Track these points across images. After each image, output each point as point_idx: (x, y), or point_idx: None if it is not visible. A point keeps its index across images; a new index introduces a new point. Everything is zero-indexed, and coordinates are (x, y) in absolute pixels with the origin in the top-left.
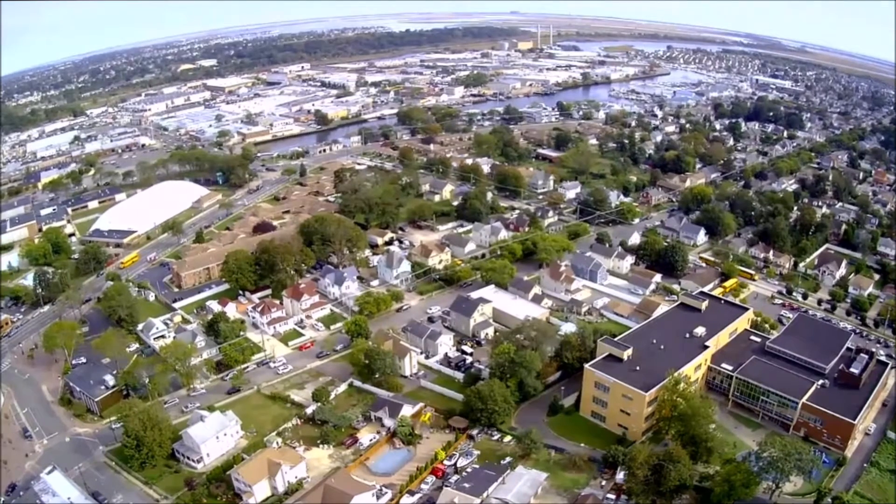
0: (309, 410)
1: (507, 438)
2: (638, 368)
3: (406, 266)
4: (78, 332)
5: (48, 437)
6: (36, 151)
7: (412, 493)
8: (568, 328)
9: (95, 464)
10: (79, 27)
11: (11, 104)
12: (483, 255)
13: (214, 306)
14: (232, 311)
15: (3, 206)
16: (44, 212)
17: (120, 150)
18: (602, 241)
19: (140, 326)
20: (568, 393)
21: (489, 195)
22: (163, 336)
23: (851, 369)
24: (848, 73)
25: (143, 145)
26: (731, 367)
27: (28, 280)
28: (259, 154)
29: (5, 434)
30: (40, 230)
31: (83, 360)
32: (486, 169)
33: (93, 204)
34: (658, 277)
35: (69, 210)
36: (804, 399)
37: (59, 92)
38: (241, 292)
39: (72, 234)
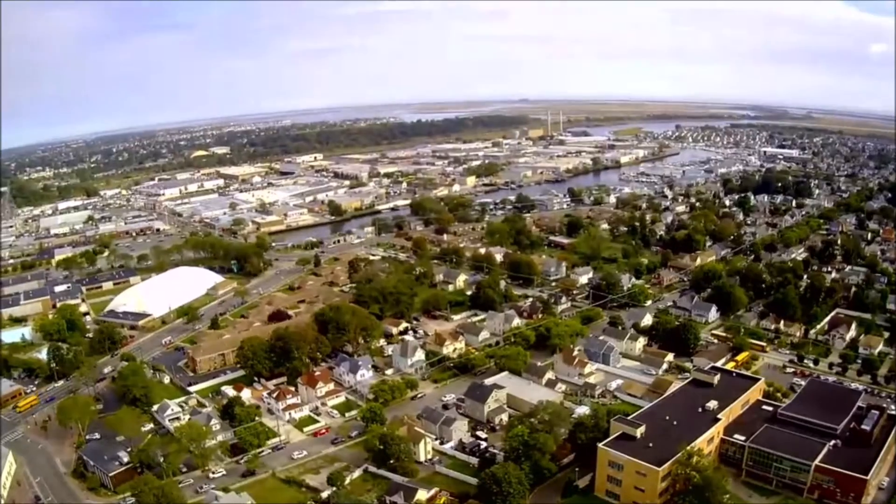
0: (324, 495)
1: None
2: (651, 445)
3: (420, 355)
4: (92, 408)
5: None
6: (49, 228)
7: None
8: (582, 411)
9: None
10: (90, 103)
11: (23, 178)
12: (497, 343)
13: (229, 391)
14: (247, 396)
15: (16, 279)
16: (58, 288)
17: (134, 234)
18: (615, 325)
19: (155, 407)
20: (583, 474)
21: (502, 283)
22: (178, 418)
23: (862, 426)
24: (853, 133)
25: (158, 230)
26: (743, 438)
27: (42, 354)
28: (274, 244)
29: (17, 501)
30: (54, 306)
31: (97, 435)
32: (498, 258)
33: (107, 285)
34: (671, 357)
35: (83, 289)
36: (816, 461)
37: (72, 170)
38: (256, 379)
39: (86, 314)
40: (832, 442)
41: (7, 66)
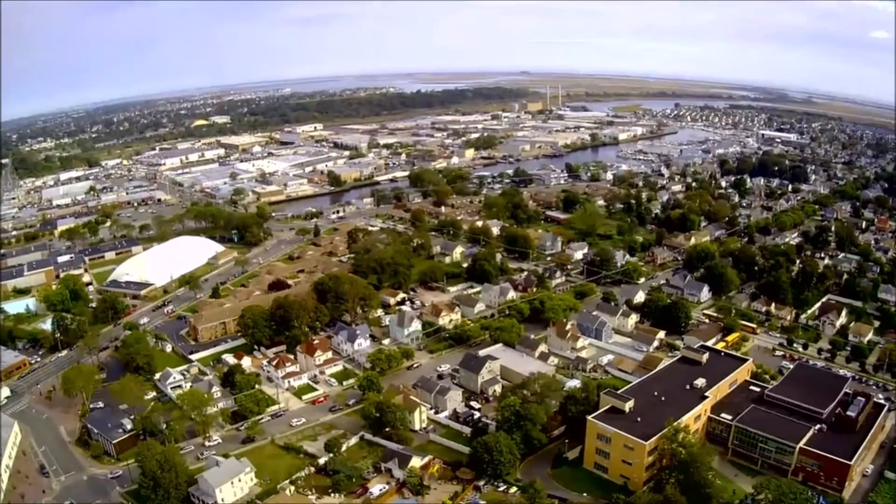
0: (321, 461)
1: (513, 490)
2: (639, 419)
3: (417, 325)
4: (96, 377)
5: (65, 475)
6: (52, 199)
7: None
8: (573, 384)
9: None
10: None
11: (25, 149)
12: (492, 315)
13: (230, 359)
14: (247, 364)
15: (20, 250)
16: (61, 259)
17: (136, 204)
18: (608, 301)
19: (157, 376)
20: (572, 446)
21: (498, 257)
22: (180, 386)
23: (848, 412)
24: (853, 121)
25: (159, 200)
26: (730, 417)
27: (46, 324)
28: (274, 214)
29: (22, 470)
30: (57, 276)
31: (100, 404)
32: (495, 231)
33: (110, 255)
34: (662, 334)
35: (86, 259)
36: (801, 444)
37: (73, 140)
38: (256, 347)
39: (89, 283)
40: (817, 426)
41: (7, 37)
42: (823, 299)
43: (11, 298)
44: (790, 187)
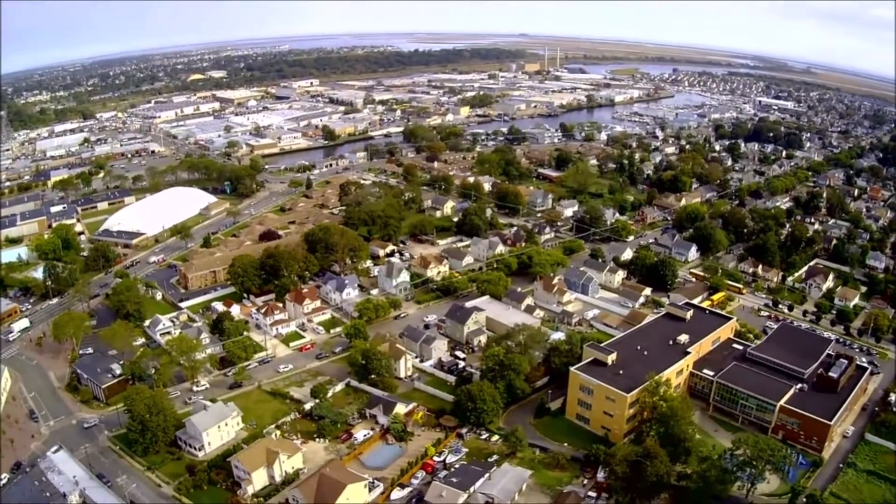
0: (307, 406)
1: (495, 438)
2: (621, 372)
3: (405, 276)
4: (86, 323)
5: (54, 420)
6: (46, 150)
7: (402, 487)
8: (557, 336)
9: (100, 448)
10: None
11: (20, 101)
12: (480, 269)
13: (219, 307)
14: (236, 312)
15: (13, 200)
16: (54, 209)
17: (130, 155)
18: (596, 257)
19: (147, 322)
20: (555, 397)
21: (489, 212)
22: (169, 332)
23: (830, 373)
24: (852, 92)
25: (153, 151)
26: (712, 373)
27: (38, 273)
28: (267, 166)
29: (12, 415)
30: (50, 226)
31: (90, 350)
32: (487, 187)
33: (102, 205)
34: (648, 291)
35: (79, 209)
36: (782, 402)
37: (69, 93)
38: (245, 295)
39: (81, 233)
40: (799, 385)
41: None
42: (811, 263)
43: (4, 247)
44: (784, 153)
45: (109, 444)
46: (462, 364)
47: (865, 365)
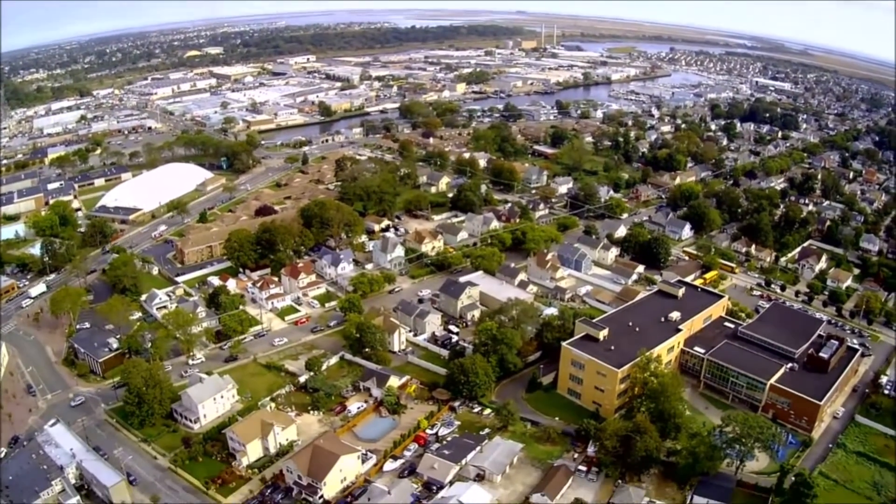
0: (302, 379)
1: (487, 411)
2: (613, 348)
3: (400, 251)
4: (83, 298)
5: (51, 394)
6: (43, 128)
7: (395, 458)
8: (550, 312)
9: (96, 420)
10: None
11: (17, 80)
12: (474, 244)
13: (215, 281)
14: (232, 286)
15: (10, 178)
16: (51, 186)
17: (126, 132)
18: (589, 234)
19: (143, 297)
20: (547, 372)
21: (483, 188)
22: (165, 306)
23: (820, 354)
24: (849, 75)
25: (150, 128)
26: (703, 350)
27: (35, 249)
28: (263, 142)
29: (10, 390)
30: (47, 203)
31: (87, 325)
32: (482, 163)
33: (99, 181)
34: (641, 268)
35: (76, 186)
36: (772, 380)
37: (65, 71)
38: (241, 270)
39: (78, 209)
40: (789, 364)
41: None
42: (804, 244)
43: (1, 224)
44: (780, 134)
45: (106, 417)
46: (455, 338)
47: (856, 347)
